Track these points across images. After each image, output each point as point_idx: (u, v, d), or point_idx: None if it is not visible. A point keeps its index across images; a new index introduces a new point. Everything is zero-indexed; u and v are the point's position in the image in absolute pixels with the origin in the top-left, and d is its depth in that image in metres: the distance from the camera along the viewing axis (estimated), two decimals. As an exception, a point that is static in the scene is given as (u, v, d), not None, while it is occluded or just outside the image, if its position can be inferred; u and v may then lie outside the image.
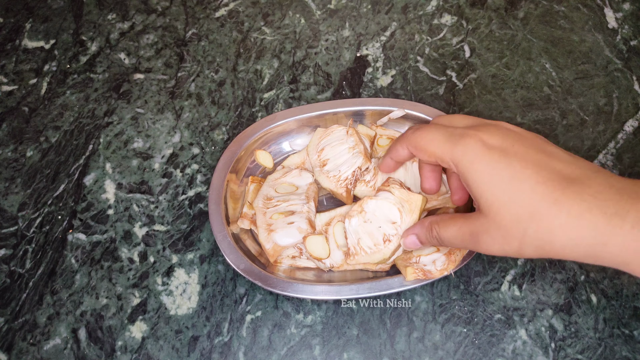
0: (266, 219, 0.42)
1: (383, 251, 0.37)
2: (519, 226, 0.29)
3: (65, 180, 0.48)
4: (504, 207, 0.29)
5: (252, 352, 0.40)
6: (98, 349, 0.41)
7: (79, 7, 0.59)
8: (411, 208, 0.37)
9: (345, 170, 0.43)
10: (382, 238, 0.37)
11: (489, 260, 0.43)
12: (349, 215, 0.38)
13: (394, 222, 0.37)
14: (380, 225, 0.37)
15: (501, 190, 0.29)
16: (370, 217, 0.38)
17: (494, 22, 0.56)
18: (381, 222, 0.37)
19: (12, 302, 0.43)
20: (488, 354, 0.39)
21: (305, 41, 0.56)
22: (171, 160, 0.49)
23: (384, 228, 0.37)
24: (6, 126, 0.51)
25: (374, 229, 0.37)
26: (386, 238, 0.37)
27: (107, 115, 0.52)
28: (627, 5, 0.57)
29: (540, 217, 0.28)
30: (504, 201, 0.29)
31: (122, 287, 0.43)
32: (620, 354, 0.39)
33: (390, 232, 0.37)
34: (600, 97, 0.51)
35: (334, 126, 0.46)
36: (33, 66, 0.55)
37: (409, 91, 0.52)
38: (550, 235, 0.28)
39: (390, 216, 0.37)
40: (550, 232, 0.28)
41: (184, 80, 0.53)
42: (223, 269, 0.43)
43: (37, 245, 0.45)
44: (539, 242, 0.28)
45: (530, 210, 0.28)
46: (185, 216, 0.46)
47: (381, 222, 0.37)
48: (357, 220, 0.38)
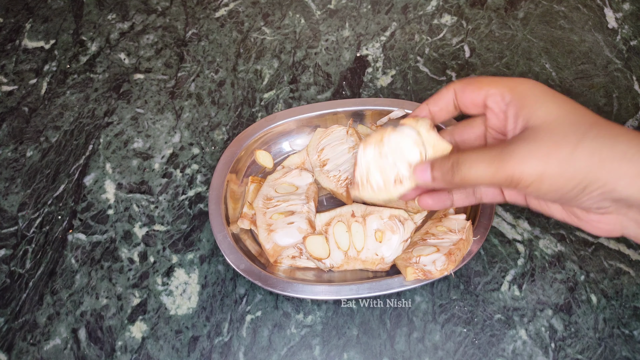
0: (266, 219, 0.42)
1: (391, 191, 0.34)
2: (580, 129, 0.26)
3: (65, 180, 0.48)
4: (568, 114, 0.27)
5: (252, 352, 0.40)
6: (98, 349, 0.41)
7: (79, 7, 0.59)
8: (435, 154, 0.33)
9: (345, 170, 0.43)
10: (394, 177, 0.33)
11: (489, 260, 0.43)
12: (365, 142, 0.34)
13: (411, 164, 0.33)
14: (394, 165, 0.33)
15: (564, 102, 0.28)
16: (387, 152, 0.33)
17: (494, 22, 0.56)
18: (397, 159, 0.33)
19: (12, 302, 0.43)
20: (488, 354, 0.39)
21: (305, 41, 0.56)
22: (171, 160, 0.49)
23: (399, 167, 0.33)
24: (6, 126, 0.51)
25: (387, 165, 0.33)
26: (398, 178, 0.33)
27: (107, 115, 0.52)
28: (627, 5, 0.57)
29: (601, 125, 0.26)
30: (567, 111, 0.27)
31: (122, 287, 0.43)
32: (620, 354, 0.39)
33: (404, 173, 0.33)
34: (600, 97, 0.51)
35: (334, 126, 0.46)
36: (33, 66, 0.55)
37: (409, 91, 0.52)
38: (612, 138, 0.26)
39: (408, 156, 0.33)
40: (612, 136, 0.26)
41: (184, 80, 0.53)
42: (223, 269, 0.43)
43: (37, 245, 0.45)
44: (599, 146, 0.25)
45: (592, 121, 0.26)
46: (185, 216, 0.46)
47: (397, 159, 0.33)
48: (372, 150, 0.34)
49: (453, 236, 0.39)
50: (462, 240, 0.39)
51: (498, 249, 0.43)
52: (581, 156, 0.26)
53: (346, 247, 0.41)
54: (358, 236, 0.41)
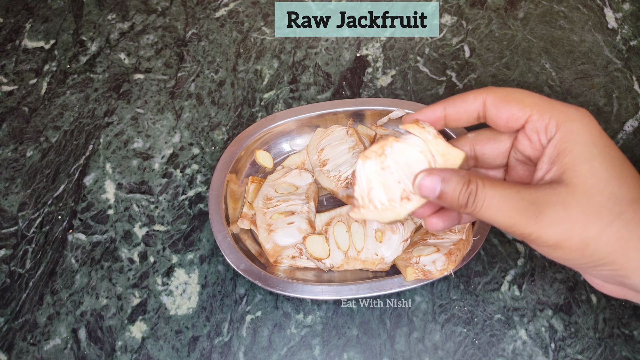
0: (266, 219, 0.42)
1: (397, 210, 0.29)
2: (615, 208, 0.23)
3: (65, 180, 0.48)
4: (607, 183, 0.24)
5: (252, 352, 0.40)
6: (98, 349, 0.41)
7: (79, 7, 0.59)
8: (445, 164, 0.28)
9: (345, 170, 0.43)
10: (400, 194, 0.29)
11: (489, 260, 0.43)
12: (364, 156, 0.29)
13: None
14: (400, 179, 0.29)
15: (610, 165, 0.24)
16: (391, 164, 0.29)
17: (493, 22, 0.56)
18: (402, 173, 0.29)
19: (12, 302, 0.43)
20: (488, 354, 0.39)
21: (305, 41, 0.56)
22: (171, 160, 0.49)
23: (405, 181, 0.29)
24: (6, 126, 0.51)
25: (392, 181, 0.29)
26: (405, 195, 0.29)
27: (107, 115, 0.52)
28: (627, 5, 0.57)
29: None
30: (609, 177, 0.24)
31: (122, 287, 0.43)
32: (620, 354, 0.39)
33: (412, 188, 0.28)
34: (600, 97, 0.51)
35: (334, 126, 0.46)
36: (33, 66, 0.55)
37: (409, 91, 0.52)
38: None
39: (415, 168, 0.28)
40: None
41: (184, 80, 0.53)
42: (223, 269, 0.43)
43: (37, 245, 0.45)
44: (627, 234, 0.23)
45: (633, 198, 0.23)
46: (185, 216, 0.46)
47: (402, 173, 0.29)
48: (373, 163, 0.29)
49: (453, 236, 0.39)
50: (462, 240, 0.39)
51: (498, 249, 0.43)
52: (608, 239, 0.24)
53: (346, 247, 0.41)
54: (358, 236, 0.41)
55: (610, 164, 0.24)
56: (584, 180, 0.24)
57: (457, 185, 0.26)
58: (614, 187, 0.24)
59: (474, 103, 0.28)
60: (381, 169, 0.29)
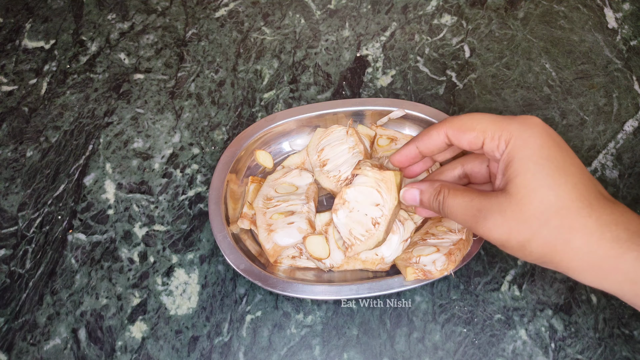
0: (266, 219, 0.42)
1: (376, 235, 0.38)
2: (542, 217, 0.27)
3: (65, 180, 0.48)
4: (536, 193, 0.27)
5: (252, 352, 0.40)
6: (98, 349, 0.41)
7: (79, 7, 0.59)
8: (388, 186, 0.37)
9: (345, 170, 0.43)
10: (372, 222, 0.38)
11: (489, 260, 0.43)
12: (334, 210, 0.38)
13: (377, 204, 0.38)
14: (365, 212, 0.38)
15: (543, 175, 0.27)
16: (354, 205, 0.38)
17: (493, 22, 0.56)
18: (365, 207, 0.38)
19: (12, 302, 0.43)
20: (488, 354, 0.39)
21: (305, 41, 0.56)
22: (171, 160, 0.49)
23: (370, 212, 0.38)
24: (6, 126, 0.51)
25: (361, 216, 0.38)
26: (375, 221, 0.38)
27: (107, 115, 0.52)
28: (627, 5, 0.57)
29: (568, 213, 0.27)
30: (539, 187, 0.27)
31: (122, 287, 0.43)
32: (620, 354, 0.39)
33: (376, 214, 0.38)
34: (600, 97, 0.51)
35: (334, 126, 0.46)
36: (33, 66, 0.55)
37: (409, 91, 0.52)
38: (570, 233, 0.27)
39: (371, 199, 0.38)
40: (571, 230, 0.27)
41: (184, 80, 0.53)
42: (223, 269, 0.43)
43: (37, 245, 0.45)
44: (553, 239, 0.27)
45: (561, 205, 0.27)
46: (185, 216, 0.46)
47: (365, 207, 0.38)
48: (343, 212, 0.38)
49: (453, 236, 0.39)
50: (462, 240, 0.39)
51: (498, 249, 0.43)
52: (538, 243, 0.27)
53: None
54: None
55: (547, 174, 0.27)
56: (517, 190, 0.28)
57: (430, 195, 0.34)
58: (544, 196, 0.27)
59: (437, 137, 0.33)
60: (349, 212, 0.38)
